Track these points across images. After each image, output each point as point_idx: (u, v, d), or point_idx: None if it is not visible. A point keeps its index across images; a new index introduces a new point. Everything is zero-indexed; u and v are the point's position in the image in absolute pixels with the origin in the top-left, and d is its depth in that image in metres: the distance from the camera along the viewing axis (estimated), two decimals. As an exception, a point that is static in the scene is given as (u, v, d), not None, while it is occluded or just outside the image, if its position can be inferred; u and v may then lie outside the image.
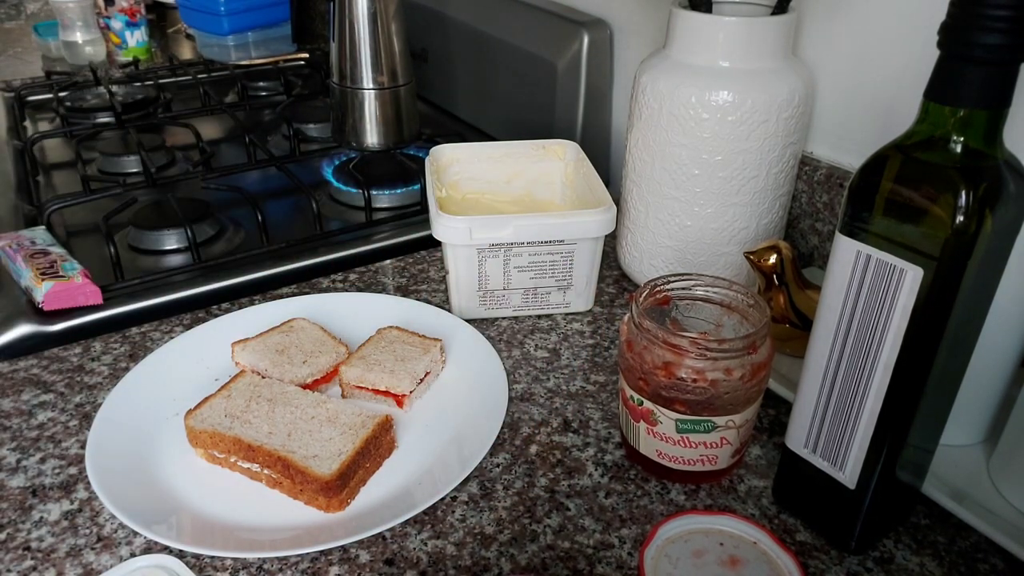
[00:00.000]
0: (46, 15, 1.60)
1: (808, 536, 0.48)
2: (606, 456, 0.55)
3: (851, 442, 0.43)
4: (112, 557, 0.47)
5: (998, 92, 0.35)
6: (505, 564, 0.46)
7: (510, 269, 0.67)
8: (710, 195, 0.64)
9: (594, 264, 0.68)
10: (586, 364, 0.64)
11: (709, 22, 0.61)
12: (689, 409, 0.48)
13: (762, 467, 0.53)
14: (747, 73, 0.61)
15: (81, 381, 0.62)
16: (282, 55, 1.37)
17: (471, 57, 1.07)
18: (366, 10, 0.89)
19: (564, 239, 0.65)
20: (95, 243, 0.80)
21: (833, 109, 0.70)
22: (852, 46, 0.67)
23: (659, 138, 0.65)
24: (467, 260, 0.66)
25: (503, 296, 0.68)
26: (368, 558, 0.47)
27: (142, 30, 1.42)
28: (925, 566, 0.46)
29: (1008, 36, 0.33)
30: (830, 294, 0.42)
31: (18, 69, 1.37)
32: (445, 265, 0.67)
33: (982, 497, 0.48)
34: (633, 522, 0.49)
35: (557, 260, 0.67)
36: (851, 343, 0.41)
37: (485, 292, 0.67)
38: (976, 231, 0.36)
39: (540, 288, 0.68)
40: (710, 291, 0.53)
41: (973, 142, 0.36)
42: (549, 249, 0.66)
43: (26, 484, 0.52)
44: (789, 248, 0.59)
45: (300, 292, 0.73)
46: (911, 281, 0.38)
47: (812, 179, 0.71)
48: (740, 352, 0.47)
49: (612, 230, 0.66)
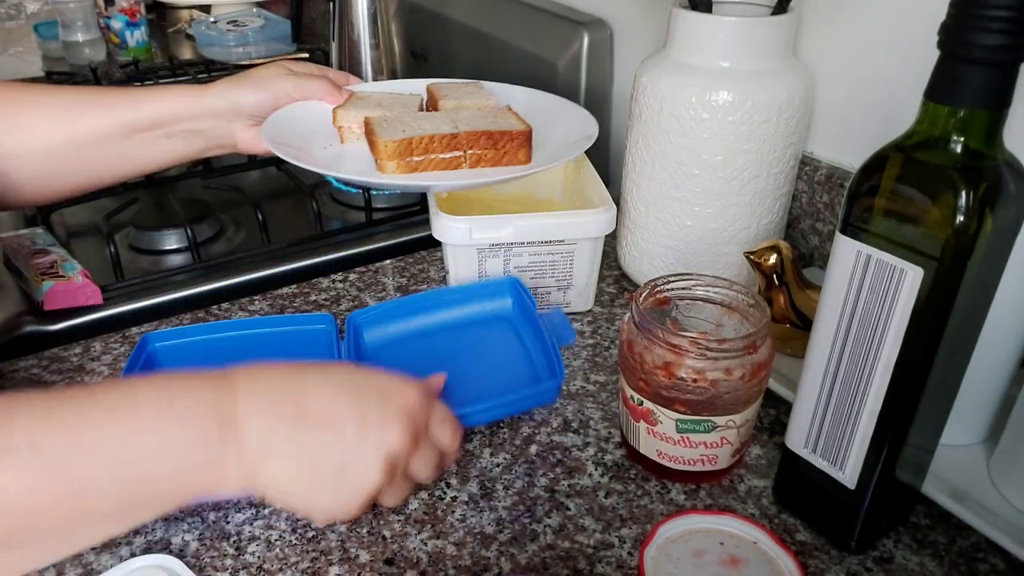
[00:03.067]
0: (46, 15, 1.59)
1: (808, 536, 0.48)
2: (606, 456, 0.55)
3: (851, 442, 0.43)
4: (112, 557, 0.47)
5: (998, 92, 0.35)
6: (505, 564, 0.46)
7: (510, 269, 0.67)
8: (710, 195, 0.64)
9: (594, 264, 0.68)
10: (586, 364, 0.64)
11: (709, 22, 0.61)
12: (689, 409, 0.48)
13: (762, 467, 0.54)
14: (747, 73, 0.61)
15: (81, 381, 0.61)
16: (282, 55, 1.36)
17: (471, 57, 1.07)
18: (366, 10, 0.89)
19: (564, 239, 0.65)
20: (95, 243, 0.80)
21: (833, 109, 0.70)
22: (852, 46, 0.67)
23: (659, 138, 0.65)
24: (467, 260, 0.65)
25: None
26: (368, 558, 0.47)
27: (142, 30, 1.42)
28: (925, 566, 0.46)
29: (1008, 36, 0.33)
30: (830, 294, 0.42)
31: (18, 69, 1.37)
32: (445, 265, 0.67)
33: (982, 497, 0.48)
34: (633, 522, 0.49)
35: (557, 260, 0.67)
36: (851, 343, 0.41)
37: None
38: (976, 231, 0.36)
39: (540, 288, 0.68)
40: (710, 291, 0.53)
41: (973, 142, 0.36)
42: (549, 249, 0.66)
43: (26, 484, 0.52)
44: (789, 248, 0.59)
45: (300, 292, 0.73)
46: (911, 281, 0.38)
47: (812, 179, 0.71)
48: (740, 352, 0.47)
49: (612, 230, 0.66)
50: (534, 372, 0.59)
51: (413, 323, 0.64)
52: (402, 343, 0.63)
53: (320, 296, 0.73)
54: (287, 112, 0.68)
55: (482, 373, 0.60)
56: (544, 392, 0.56)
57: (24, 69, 1.36)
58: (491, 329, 0.64)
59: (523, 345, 0.62)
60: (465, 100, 0.71)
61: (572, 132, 0.68)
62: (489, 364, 0.61)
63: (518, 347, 0.62)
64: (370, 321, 0.63)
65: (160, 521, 0.49)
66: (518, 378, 0.59)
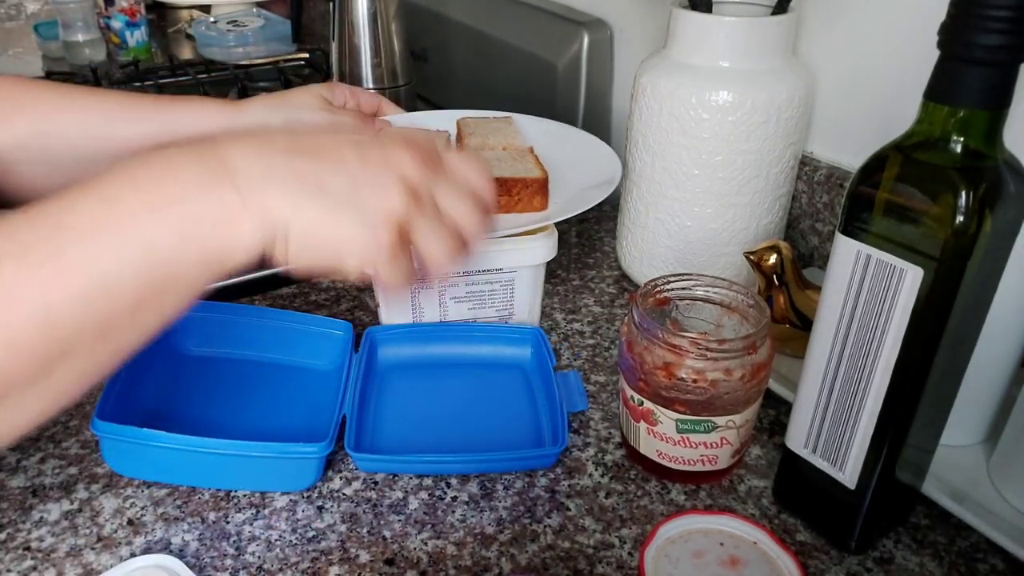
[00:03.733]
0: (46, 15, 1.59)
1: (808, 536, 0.48)
2: (606, 456, 0.55)
3: (851, 442, 0.43)
4: (112, 557, 0.47)
5: (998, 92, 0.35)
6: (505, 564, 0.46)
7: (446, 300, 0.63)
8: (710, 195, 0.64)
9: (536, 291, 0.64)
10: (586, 364, 0.64)
11: (709, 22, 0.61)
12: (689, 409, 0.48)
13: (762, 467, 0.54)
14: (747, 73, 0.61)
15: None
16: (282, 55, 1.36)
17: (471, 57, 1.07)
18: (366, 10, 0.89)
19: (503, 267, 0.62)
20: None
21: (833, 109, 0.70)
22: (852, 46, 0.67)
23: (659, 138, 0.65)
24: (398, 293, 0.62)
25: None
26: (368, 558, 0.47)
27: (142, 30, 1.42)
28: (925, 566, 0.46)
29: (1008, 36, 0.33)
30: (830, 294, 0.42)
31: (18, 69, 1.36)
32: (376, 297, 0.64)
33: (982, 497, 0.48)
34: (633, 522, 0.49)
35: (497, 289, 0.63)
36: (851, 343, 0.41)
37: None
38: (976, 231, 0.36)
39: (480, 319, 0.64)
40: (710, 291, 0.53)
41: (973, 142, 0.36)
42: (487, 278, 0.62)
43: (26, 484, 0.52)
44: (789, 248, 0.59)
45: (300, 292, 0.73)
46: (911, 281, 0.38)
47: (812, 179, 0.71)
48: (740, 352, 0.47)
49: (554, 256, 0.62)
50: (537, 432, 0.56)
51: (430, 350, 0.63)
52: (414, 368, 0.62)
53: (320, 296, 0.73)
54: None
55: (484, 419, 0.57)
56: (543, 457, 0.53)
57: (24, 69, 1.36)
58: (505, 376, 0.61)
59: (532, 400, 0.59)
60: (490, 138, 0.69)
61: (595, 174, 0.66)
62: (494, 411, 0.58)
63: (527, 401, 0.59)
64: (388, 339, 0.62)
65: (160, 521, 0.49)
66: (519, 434, 0.56)
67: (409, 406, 0.59)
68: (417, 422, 0.57)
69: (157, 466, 0.51)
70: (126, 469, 0.52)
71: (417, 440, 0.56)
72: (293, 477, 0.51)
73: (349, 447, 0.51)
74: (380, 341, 0.62)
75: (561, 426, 0.53)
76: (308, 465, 0.51)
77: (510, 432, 0.56)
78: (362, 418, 0.56)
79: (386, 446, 0.55)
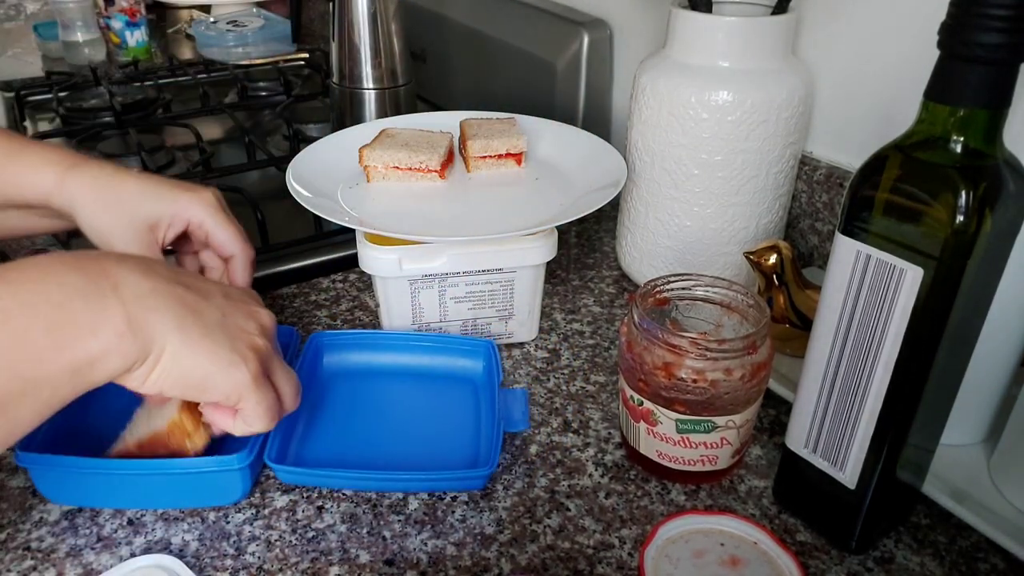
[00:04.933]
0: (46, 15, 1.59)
1: (808, 536, 0.48)
2: (606, 456, 0.55)
3: (851, 442, 0.43)
4: (112, 557, 0.47)
5: (998, 92, 0.35)
6: (505, 564, 0.46)
7: (446, 300, 0.63)
8: (710, 195, 0.64)
9: (537, 291, 0.64)
10: (586, 364, 0.64)
11: (709, 22, 0.61)
12: (689, 409, 0.48)
13: (762, 467, 0.53)
14: (747, 73, 0.61)
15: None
16: (282, 55, 1.37)
17: (471, 57, 1.07)
18: (366, 10, 0.89)
19: (503, 267, 0.61)
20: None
21: (833, 109, 0.70)
22: (852, 46, 0.67)
23: (659, 138, 0.65)
24: (399, 293, 0.61)
25: (440, 329, 0.64)
26: (368, 558, 0.47)
27: (142, 30, 1.42)
28: (925, 566, 0.46)
29: (1008, 36, 0.33)
30: (830, 294, 0.42)
31: (18, 69, 1.36)
32: (376, 297, 0.64)
33: (982, 497, 0.48)
34: (633, 522, 0.49)
35: (497, 289, 0.63)
36: (851, 343, 0.41)
37: (420, 325, 0.64)
38: (976, 231, 0.36)
39: (480, 319, 0.64)
40: (710, 291, 0.53)
41: (973, 142, 0.36)
42: (488, 278, 0.62)
43: (26, 484, 0.52)
44: (789, 248, 0.59)
45: (300, 292, 0.73)
46: (911, 281, 0.38)
47: (812, 179, 0.71)
48: (740, 352, 0.47)
49: (554, 256, 0.62)
50: (475, 450, 0.54)
51: (378, 358, 0.61)
52: (359, 376, 0.60)
53: (320, 296, 0.73)
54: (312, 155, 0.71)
55: (424, 434, 0.56)
56: (470, 479, 0.51)
57: (24, 69, 1.36)
58: (453, 389, 0.59)
59: (477, 416, 0.57)
60: (494, 140, 0.69)
61: (600, 176, 0.66)
62: (437, 426, 0.56)
63: (470, 417, 0.57)
64: (334, 346, 0.61)
65: (160, 521, 0.49)
66: (457, 452, 0.54)
67: (349, 417, 0.57)
68: (354, 434, 0.55)
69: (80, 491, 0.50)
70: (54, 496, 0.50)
71: (350, 454, 0.53)
72: (219, 491, 0.50)
73: (269, 458, 0.50)
74: (325, 347, 0.61)
75: (494, 448, 0.50)
76: (231, 477, 0.49)
77: (448, 449, 0.54)
78: (292, 428, 0.54)
79: (313, 458, 0.53)
